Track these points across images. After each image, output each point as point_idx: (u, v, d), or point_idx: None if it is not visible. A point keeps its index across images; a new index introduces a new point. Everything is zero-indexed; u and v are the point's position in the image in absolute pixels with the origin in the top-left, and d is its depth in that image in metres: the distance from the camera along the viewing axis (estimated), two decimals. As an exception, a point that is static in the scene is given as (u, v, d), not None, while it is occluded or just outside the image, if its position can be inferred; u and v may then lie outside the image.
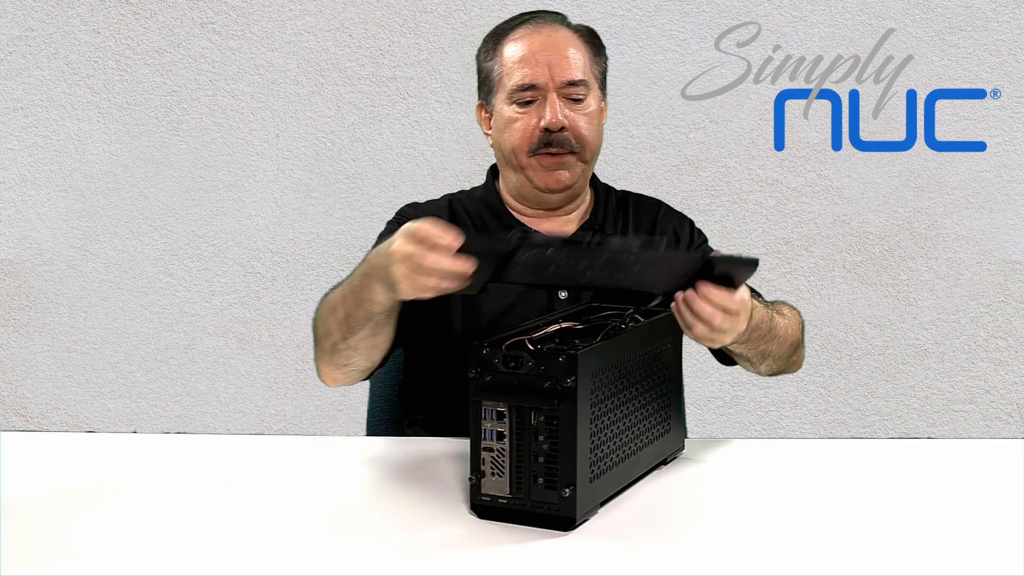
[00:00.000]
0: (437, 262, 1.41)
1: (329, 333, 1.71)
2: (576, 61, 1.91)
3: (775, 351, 1.83)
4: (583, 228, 2.00)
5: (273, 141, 3.19)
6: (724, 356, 1.94)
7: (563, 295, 1.93)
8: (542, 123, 1.88)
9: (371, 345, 1.71)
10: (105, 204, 3.20)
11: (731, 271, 1.51)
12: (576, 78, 1.90)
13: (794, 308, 1.95)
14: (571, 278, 1.47)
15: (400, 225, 1.94)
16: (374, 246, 1.93)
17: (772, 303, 1.88)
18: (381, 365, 1.81)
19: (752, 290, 2.03)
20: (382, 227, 2.02)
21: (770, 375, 1.94)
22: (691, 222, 2.09)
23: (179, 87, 3.18)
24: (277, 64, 3.17)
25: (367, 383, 2.12)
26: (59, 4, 3.16)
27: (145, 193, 3.20)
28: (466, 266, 1.40)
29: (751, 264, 1.53)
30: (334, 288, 1.74)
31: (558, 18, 1.96)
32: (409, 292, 1.46)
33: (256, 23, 3.16)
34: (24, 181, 3.20)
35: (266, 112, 3.18)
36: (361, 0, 3.15)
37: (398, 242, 1.46)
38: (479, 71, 2.00)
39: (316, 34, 3.16)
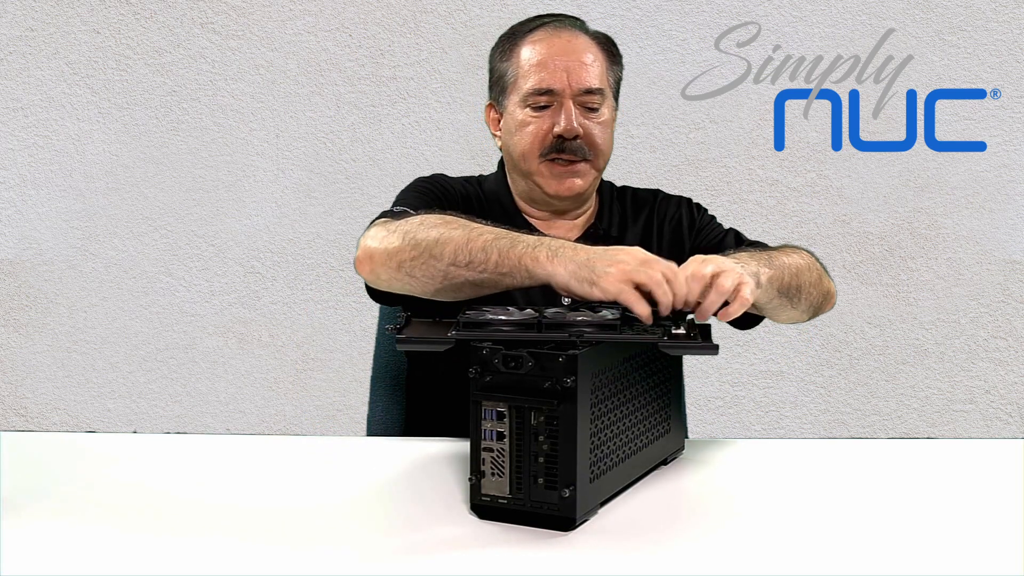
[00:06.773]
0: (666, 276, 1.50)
1: (451, 257, 1.61)
2: (594, 69, 1.89)
3: (805, 281, 1.77)
4: (587, 233, 1.98)
5: (273, 141, 3.18)
6: (743, 321, 1.86)
7: (566, 300, 1.92)
8: (556, 129, 1.86)
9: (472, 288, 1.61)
10: (105, 204, 3.20)
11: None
12: (594, 86, 1.88)
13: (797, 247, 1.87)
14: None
15: (434, 186, 1.92)
16: (398, 196, 1.89)
17: (777, 248, 1.83)
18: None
19: (757, 242, 1.97)
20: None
21: (812, 314, 1.86)
22: (688, 200, 2.04)
23: (179, 87, 3.18)
24: (277, 64, 3.17)
25: (367, 384, 2.12)
26: (59, 4, 3.16)
27: (145, 193, 3.20)
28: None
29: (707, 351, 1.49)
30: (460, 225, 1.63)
31: (577, 23, 1.94)
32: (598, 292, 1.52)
33: (256, 23, 3.16)
34: (24, 181, 3.20)
35: (266, 112, 3.18)
36: (361, 0, 3.15)
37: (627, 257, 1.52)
38: (491, 71, 1.97)
39: (316, 34, 3.16)
